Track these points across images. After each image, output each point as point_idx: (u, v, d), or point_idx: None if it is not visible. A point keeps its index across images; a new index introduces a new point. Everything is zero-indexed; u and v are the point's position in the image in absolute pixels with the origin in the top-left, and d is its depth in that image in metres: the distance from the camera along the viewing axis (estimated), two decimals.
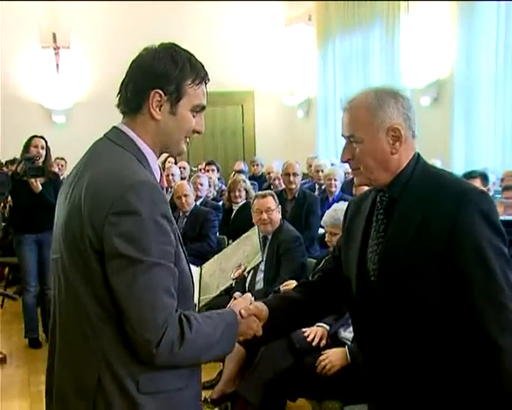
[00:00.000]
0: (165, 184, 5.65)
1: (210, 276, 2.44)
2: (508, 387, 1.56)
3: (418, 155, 1.77)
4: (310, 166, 8.33)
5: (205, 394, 3.76)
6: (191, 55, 1.63)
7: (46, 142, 5.47)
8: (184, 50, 1.63)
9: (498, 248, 1.59)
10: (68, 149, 8.57)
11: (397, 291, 1.67)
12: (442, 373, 1.64)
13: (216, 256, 2.68)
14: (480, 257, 1.57)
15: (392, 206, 1.74)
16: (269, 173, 8.13)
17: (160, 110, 1.58)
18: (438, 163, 6.44)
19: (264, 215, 4.35)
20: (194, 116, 1.63)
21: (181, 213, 5.73)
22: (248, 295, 1.87)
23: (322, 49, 10.07)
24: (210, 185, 7.27)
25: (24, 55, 9.55)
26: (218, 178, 8.50)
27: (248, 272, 2.67)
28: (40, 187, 5.23)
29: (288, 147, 10.44)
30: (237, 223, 5.97)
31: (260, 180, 8.53)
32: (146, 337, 1.41)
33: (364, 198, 1.90)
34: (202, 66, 1.63)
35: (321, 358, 3.16)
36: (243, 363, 3.62)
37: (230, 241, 5.81)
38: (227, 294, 3.67)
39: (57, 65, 9.68)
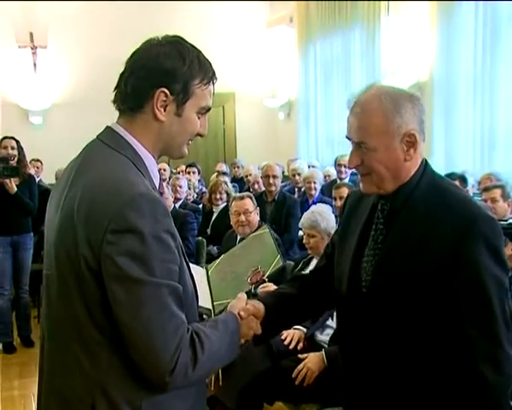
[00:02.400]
0: (164, 189, 5.55)
1: (221, 280, 2.31)
2: None
3: (426, 162, 1.67)
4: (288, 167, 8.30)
5: None
6: (199, 51, 1.50)
7: (18, 142, 5.38)
8: (192, 46, 1.50)
9: (499, 279, 1.52)
10: (45, 151, 8.52)
11: (386, 306, 1.61)
12: (421, 388, 1.59)
13: (223, 257, 2.57)
14: (479, 287, 1.51)
15: (393, 216, 1.65)
16: (247, 176, 8.09)
17: (164, 111, 1.44)
18: None
19: (242, 217, 4.33)
20: (198, 118, 1.51)
21: None
22: (243, 295, 1.77)
23: (304, 51, 10.07)
24: (190, 188, 7.22)
25: (0, 55, 9.41)
26: (199, 181, 8.44)
27: (268, 278, 2.44)
28: (15, 188, 5.14)
29: (270, 149, 10.42)
30: (218, 226, 5.92)
31: (241, 183, 8.48)
32: (159, 365, 1.29)
33: (365, 195, 1.78)
34: (210, 64, 1.52)
35: (299, 367, 3.13)
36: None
37: (211, 245, 5.78)
38: None
39: (34, 65, 9.53)
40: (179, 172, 8.51)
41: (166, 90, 1.43)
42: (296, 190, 7.40)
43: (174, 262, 1.36)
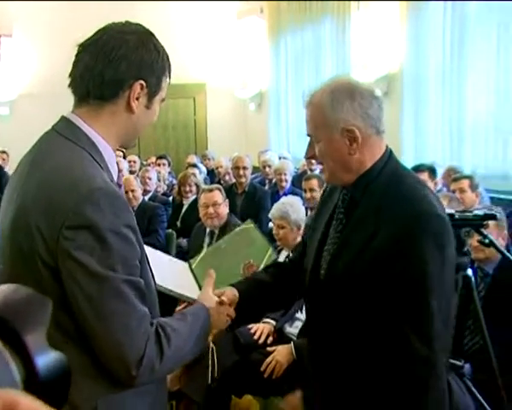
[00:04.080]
0: (122, 181, 5.47)
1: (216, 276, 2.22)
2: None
3: (389, 154, 1.68)
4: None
5: None
6: (158, 43, 1.50)
7: None
8: (156, 39, 1.50)
9: (441, 278, 1.53)
10: (12, 142, 8.34)
11: (340, 295, 1.64)
12: (368, 369, 1.61)
13: (206, 252, 2.44)
14: (417, 285, 1.52)
15: (352, 206, 1.68)
16: (217, 168, 8.04)
17: (135, 101, 1.41)
18: None
19: (211, 209, 4.29)
20: None
21: None
22: (210, 285, 1.74)
23: (275, 42, 10.04)
24: (160, 180, 7.15)
25: None
26: (169, 173, 8.37)
27: None
28: None
29: (241, 140, 10.39)
30: (188, 218, 5.86)
31: (212, 174, 8.43)
32: (125, 360, 1.28)
33: (336, 187, 1.82)
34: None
35: (267, 360, 3.11)
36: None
37: (181, 238, 5.73)
38: None
39: None
40: (149, 164, 8.42)
41: (144, 83, 1.41)
42: (267, 181, 7.38)
43: (135, 257, 1.33)
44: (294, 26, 9.39)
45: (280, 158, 7.78)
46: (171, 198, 6.72)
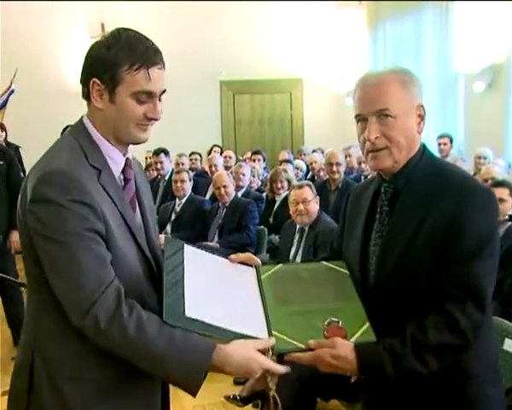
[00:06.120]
0: (131, 175, 5.40)
1: (279, 301, 1.74)
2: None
3: (424, 145, 1.72)
4: (346, 156, 7.72)
5: (235, 391, 3.70)
6: (137, 38, 1.55)
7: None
8: (131, 33, 1.56)
9: (492, 252, 1.58)
10: None
11: (393, 285, 1.64)
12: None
13: (281, 267, 1.91)
14: (475, 250, 1.55)
15: (395, 197, 1.71)
16: (311, 164, 7.94)
17: (101, 99, 1.55)
18: (488, 152, 6.14)
19: (301, 206, 4.25)
20: (142, 102, 1.54)
21: (220, 204, 5.64)
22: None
23: (373, 33, 9.78)
24: (254, 175, 7.16)
25: (71, 45, 9.64)
26: (264, 168, 8.37)
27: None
28: None
29: (337, 135, 10.21)
30: (281, 214, 5.84)
31: (308, 170, 8.35)
32: (74, 301, 1.45)
33: (365, 188, 1.87)
34: (149, 48, 1.54)
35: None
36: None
37: (272, 234, 5.71)
38: None
39: None
40: (244, 160, 8.47)
41: (97, 80, 1.53)
42: (362, 177, 7.20)
43: (89, 230, 1.46)
44: (394, 15, 9.10)
45: None
46: (264, 194, 6.72)
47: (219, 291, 1.67)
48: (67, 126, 5.47)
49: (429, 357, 1.55)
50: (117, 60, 1.51)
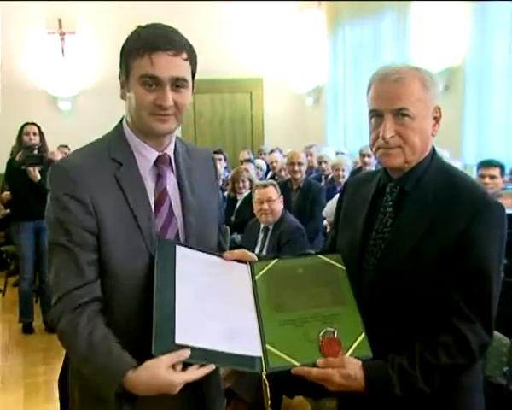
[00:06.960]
0: (164, 172, 5.45)
1: (276, 307, 1.68)
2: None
3: (434, 149, 1.69)
4: (307, 155, 7.66)
5: None
6: (153, 27, 1.57)
7: (39, 128, 5.39)
8: (154, 25, 1.59)
9: (499, 264, 1.56)
10: (73, 137, 8.54)
11: (392, 288, 1.61)
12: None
13: (276, 264, 1.82)
14: (482, 266, 1.53)
15: (402, 199, 1.67)
16: (272, 163, 7.98)
17: (124, 92, 1.62)
18: (446, 153, 6.29)
19: (265, 205, 4.27)
20: (151, 90, 1.54)
21: None
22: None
23: (333, 35, 9.88)
24: None
25: (29, 42, 9.44)
26: (225, 167, 8.37)
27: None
28: (39, 176, 5.17)
29: (297, 135, 10.29)
30: (243, 213, 5.87)
31: (268, 169, 8.39)
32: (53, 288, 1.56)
33: (365, 181, 1.82)
34: (159, 36, 1.54)
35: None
36: None
37: (235, 233, 5.73)
38: None
39: (63, 51, 9.55)
40: None
41: (120, 74, 1.61)
42: (323, 177, 7.29)
43: (75, 225, 1.51)
44: (353, 18, 9.21)
45: (337, 153, 7.67)
46: (226, 193, 6.72)
47: (211, 304, 1.58)
48: (26, 124, 5.45)
49: (437, 379, 1.53)
50: (129, 49, 1.56)
